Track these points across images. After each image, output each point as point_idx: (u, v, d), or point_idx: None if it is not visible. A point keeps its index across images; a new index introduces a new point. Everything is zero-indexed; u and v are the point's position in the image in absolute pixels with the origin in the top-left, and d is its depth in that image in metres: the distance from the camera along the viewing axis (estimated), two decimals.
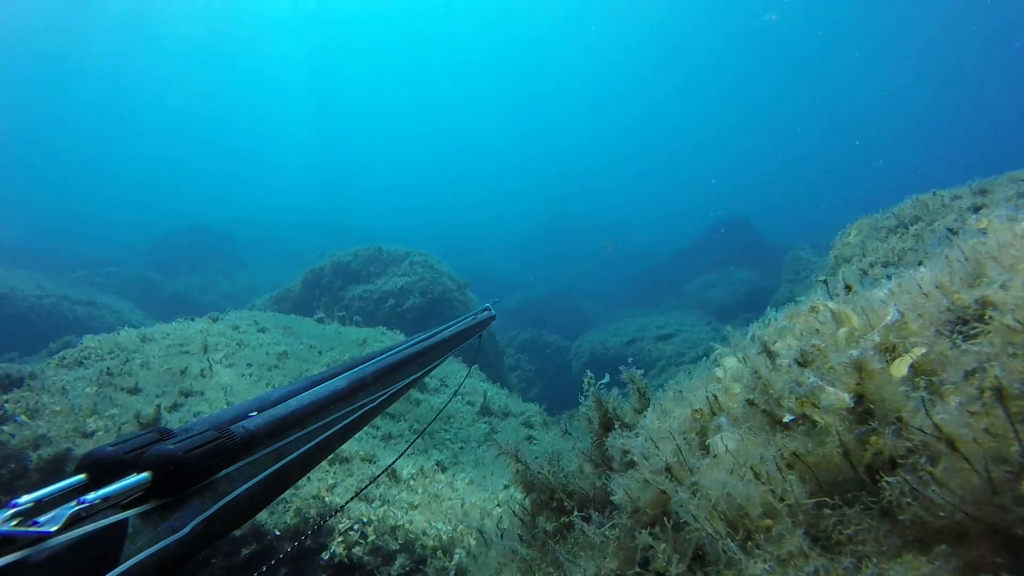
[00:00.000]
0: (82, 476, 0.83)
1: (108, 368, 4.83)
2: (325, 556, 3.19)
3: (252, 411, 1.17)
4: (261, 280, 25.04)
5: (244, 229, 33.54)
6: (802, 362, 1.14)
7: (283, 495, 3.43)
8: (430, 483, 3.90)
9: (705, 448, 1.27)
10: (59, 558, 0.67)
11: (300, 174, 76.03)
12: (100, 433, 3.85)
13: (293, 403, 1.23)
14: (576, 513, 1.55)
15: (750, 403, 1.20)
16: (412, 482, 3.85)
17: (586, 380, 1.92)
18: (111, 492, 0.77)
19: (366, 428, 5.07)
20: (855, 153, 67.33)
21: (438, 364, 2.33)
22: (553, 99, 74.72)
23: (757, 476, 1.05)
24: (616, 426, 1.73)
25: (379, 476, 3.58)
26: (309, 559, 3.29)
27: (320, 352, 6.95)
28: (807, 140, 74.07)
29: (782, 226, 33.03)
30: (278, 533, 3.33)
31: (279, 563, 3.31)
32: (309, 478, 3.62)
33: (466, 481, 4.22)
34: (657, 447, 1.31)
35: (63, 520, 0.69)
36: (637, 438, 1.42)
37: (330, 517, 3.17)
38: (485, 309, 3.32)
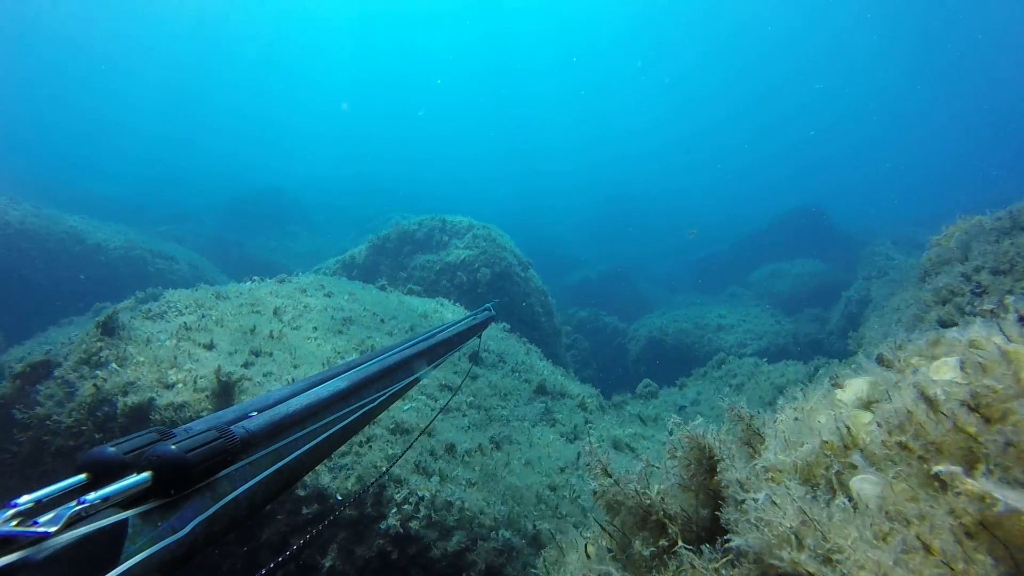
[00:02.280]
0: (82, 476, 0.83)
1: (186, 323, 5.04)
2: (383, 525, 3.22)
3: (252, 411, 1.18)
4: (327, 243, 25.78)
5: (313, 193, 34.56)
6: (973, 407, 0.97)
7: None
8: (487, 461, 3.88)
9: (838, 489, 1.11)
10: (59, 558, 0.67)
11: (370, 141, 77.47)
12: (179, 386, 4.02)
13: (293, 403, 1.24)
14: (681, 543, 1.41)
15: (903, 446, 1.02)
16: (468, 458, 3.84)
17: (671, 421, 1.73)
18: (111, 492, 0.77)
19: (424, 400, 5.12)
20: (957, 152, 62.52)
21: (438, 364, 2.33)
22: (622, 78, 72.72)
23: (928, 548, 0.86)
24: (721, 468, 1.52)
25: (379, 478, 3.57)
26: (368, 525, 3.34)
27: (383, 320, 7.06)
28: (902, 131, 69.28)
29: (860, 219, 31.08)
30: (339, 498, 3.39)
31: (325, 529, 3.38)
32: (372, 447, 3.66)
33: (522, 462, 4.18)
34: (782, 503, 1.11)
35: (63, 520, 0.70)
36: (757, 494, 1.21)
37: (336, 512, 3.20)
38: (485, 310, 3.34)
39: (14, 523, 0.69)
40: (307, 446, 1.22)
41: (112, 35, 65.26)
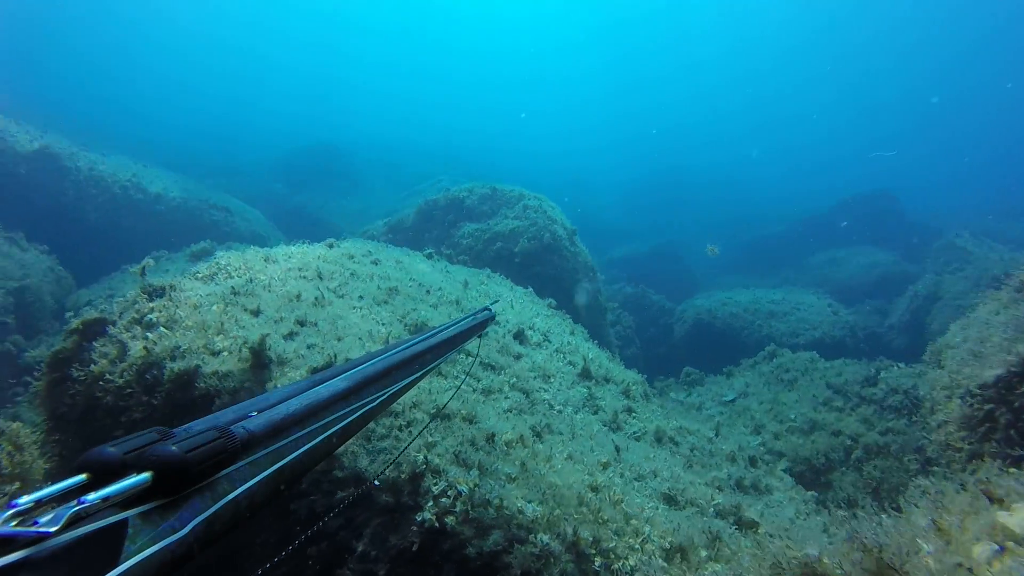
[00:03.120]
0: (83, 476, 0.83)
1: (234, 288, 5.04)
2: (419, 517, 3.14)
3: (252, 411, 1.19)
4: (376, 202, 25.94)
5: (364, 150, 34.69)
6: None
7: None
8: (528, 455, 3.75)
9: None
10: (59, 558, 0.67)
11: (422, 104, 77.39)
12: (225, 354, 4.01)
13: (293, 403, 1.25)
14: None
15: None
16: (509, 450, 3.72)
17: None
18: (111, 492, 0.77)
19: (467, 381, 5.02)
20: None
21: (438, 364, 2.32)
22: (676, 44, 69.62)
23: None
24: None
25: (379, 475, 3.47)
26: (404, 514, 3.27)
27: (428, 291, 6.97)
28: (987, 118, 64.31)
29: (933, 208, 29.22)
30: (377, 483, 3.33)
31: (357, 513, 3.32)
32: (411, 432, 3.58)
33: (564, 456, 4.04)
34: None
35: (63, 520, 0.70)
36: None
37: (339, 506, 3.11)
38: (485, 310, 3.33)
39: (14, 523, 0.69)
40: (307, 446, 1.22)
41: None
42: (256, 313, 4.79)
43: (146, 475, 0.83)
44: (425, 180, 25.05)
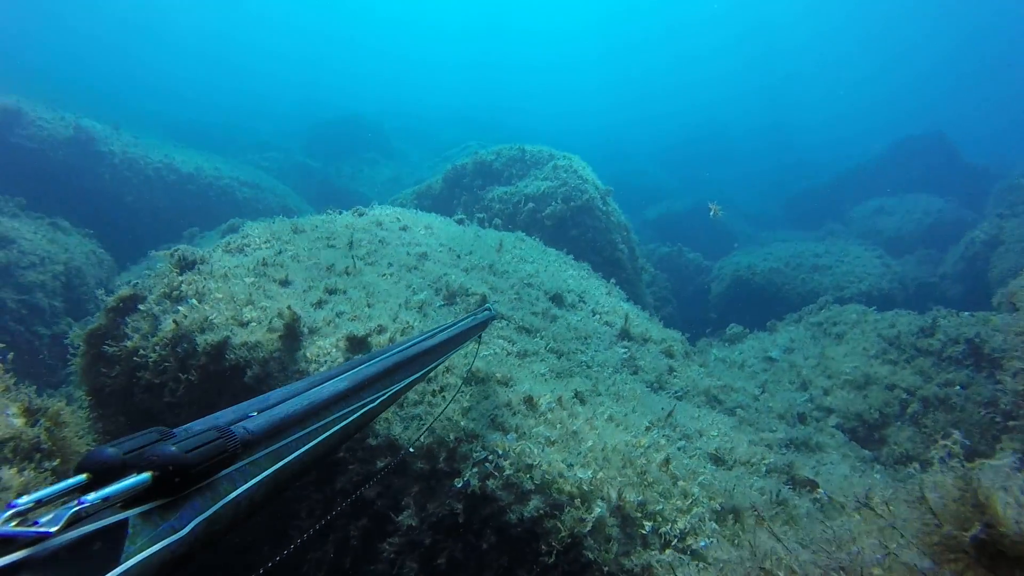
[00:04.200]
0: (83, 476, 0.82)
1: (264, 258, 4.98)
2: (458, 483, 3.05)
3: (252, 411, 1.18)
4: (405, 170, 25.83)
5: (392, 119, 34.47)
6: None
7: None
8: (569, 417, 3.61)
9: None
10: (59, 558, 0.67)
11: (448, 68, 76.32)
12: (253, 324, 3.95)
13: (294, 403, 1.25)
14: None
15: None
16: (550, 414, 3.58)
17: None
18: (111, 492, 0.77)
19: (501, 343, 4.88)
20: None
21: (438, 364, 2.32)
22: None
23: None
24: None
25: (386, 468, 3.35)
26: (440, 481, 3.18)
27: (459, 256, 6.82)
28: None
29: (992, 150, 27.46)
30: (412, 450, 3.24)
31: (388, 477, 3.25)
32: (445, 398, 3.47)
33: (605, 417, 3.89)
34: None
35: (63, 520, 0.70)
36: None
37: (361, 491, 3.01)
38: (485, 310, 3.32)
39: (14, 523, 0.69)
40: (307, 446, 1.22)
41: None
42: (285, 283, 4.72)
43: (146, 475, 0.83)
44: (455, 146, 24.74)
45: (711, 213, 11.07)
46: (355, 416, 1.46)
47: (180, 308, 4.11)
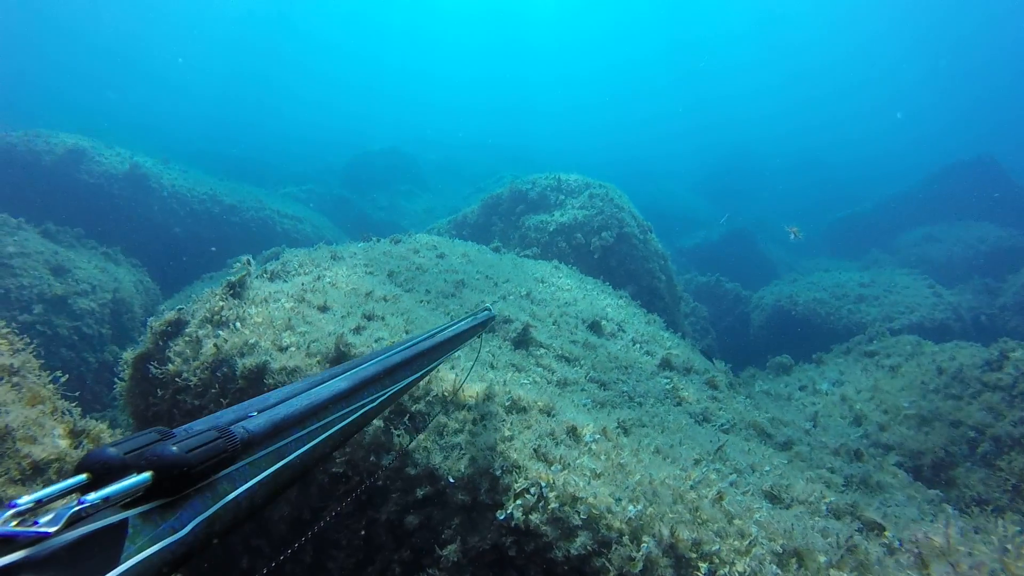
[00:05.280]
0: (83, 476, 0.82)
1: (303, 284, 5.00)
2: (501, 515, 2.90)
3: (252, 411, 1.18)
4: (439, 201, 26.20)
5: (426, 152, 35.16)
6: None
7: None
8: (614, 448, 3.44)
9: None
10: (59, 558, 0.67)
11: (478, 102, 78.20)
12: (292, 349, 3.92)
13: (294, 403, 1.25)
14: None
15: None
16: (595, 445, 3.42)
17: None
18: (111, 492, 0.77)
19: (541, 372, 4.76)
20: None
21: (438, 364, 2.32)
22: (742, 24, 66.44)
23: None
24: None
25: (364, 484, 3.21)
26: (483, 513, 3.05)
27: (496, 284, 6.76)
28: None
29: None
30: (452, 480, 3.12)
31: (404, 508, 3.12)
32: (486, 427, 3.35)
33: (652, 450, 3.70)
34: None
35: (63, 520, 0.70)
36: None
37: (360, 490, 2.87)
38: (485, 310, 3.28)
39: (14, 523, 0.68)
40: (307, 446, 1.22)
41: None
42: (324, 309, 4.72)
43: (146, 475, 0.82)
44: (488, 177, 25.02)
45: (791, 236, 10.88)
46: (355, 416, 1.45)
47: (221, 332, 4.12)
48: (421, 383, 3.58)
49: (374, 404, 1.58)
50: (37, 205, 13.44)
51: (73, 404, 3.67)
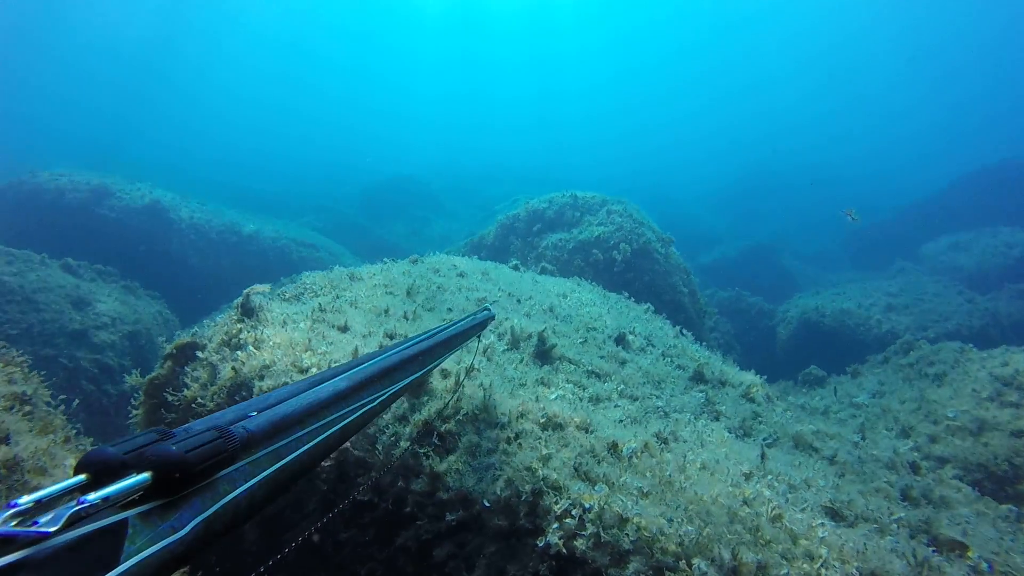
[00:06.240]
0: (83, 476, 0.81)
1: (321, 304, 4.85)
2: (540, 543, 2.66)
3: (252, 411, 1.17)
4: (455, 226, 26.22)
5: (440, 179, 35.38)
6: None
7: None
8: (658, 465, 3.19)
9: None
10: (59, 558, 0.66)
11: (491, 126, 79.11)
12: (313, 369, 3.75)
13: (294, 403, 1.24)
14: None
15: None
16: (637, 460, 3.17)
17: None
18: (111, 492, 0.76)
19: (572, 388, 4.53)
20: None
21: (438, 364, 2.29)
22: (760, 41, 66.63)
23: None
24: None
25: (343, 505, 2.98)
26: (522, 539, 2.80)
27: (519, 301, 6.57)
28: None
29: None
30: (487, 504, 2.89)
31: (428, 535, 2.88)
32: (521, 446, 3.13)
33: (698, 465, 3.44)
34: None
35: (63, 520, 0.69)
36: None
37: (353, 496, 2.63)
38: (484, 310, 3.27)
39: (14, 523, 0.68)
40: (307, 446, 1.21)
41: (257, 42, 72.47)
42: (344, 329, 4.55)
43: (146, 475, 0.81)
44: (502, 201, 25.02)
45: (849, 219, 10.57)
46: (355, 416, 1.43)
47: (239, 355, 3.96)
48: (450, 404, 3.38)
49: (374, 403, 1.57)
50: (61, 241, 13.60)
51: (81, 434, 3.50)
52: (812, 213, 31.94)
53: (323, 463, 3.02)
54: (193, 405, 3.84)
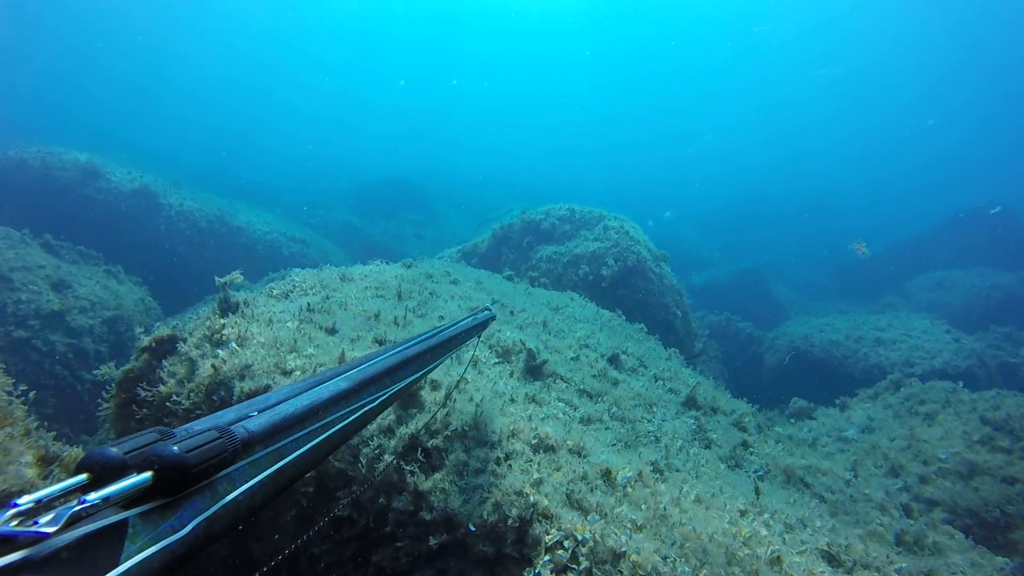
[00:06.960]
0: (83, 476, 0.80)
1: (309, 304, 4.67)
2: (528, 574, 2.50)
3: (252, 411, 1.16)
4: (448, 231, 26.05)
5: (435, 183, 35.24)
6: None
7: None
8: (652, 496, 3.05)
9: None
10: (59, 558, 0.66)
11: (487, 134, 79.14)
12: (297, 373, 3.57)
13: (294, 403, 1.23)
14: None
15: None
16: (631, 491, 3.03)
17: None
18: (112, 492, 0.76)
19: (564, 409, 4.39)
20: None
21: (438, 364, 2.28)
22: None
23: None
24: None
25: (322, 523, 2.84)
26: (507, 568, 2.65)
27: (512, 312, 6.43)
28: None
29: None
30: (473, 528, 2.73)
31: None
32: (511, 467, 2.97)
33: (692, 498, 3.30)
34: None
35: (63, 520, 0.69)
36: None
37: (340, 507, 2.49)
38: (485, 310, 3.23)
39: (14, 523, 0.68)
40: (307, 446, 1.20)
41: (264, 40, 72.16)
42: (332, 331, 4.38)
43: (146, 475, 0.81)
44: (496, 209, 24.92)
45: (859, 253, 10.47)
46: (355, 416, 1.43)
47: (220, 352, 3.77)
48: (439, 418, 3.22)
49: (374, 404, 1.55)
50: (44, 219, 13.25)
51: (44, 428, 3.29)
52: (802, 242, 32.21)
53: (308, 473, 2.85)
54: (168, 403, 3.64)
